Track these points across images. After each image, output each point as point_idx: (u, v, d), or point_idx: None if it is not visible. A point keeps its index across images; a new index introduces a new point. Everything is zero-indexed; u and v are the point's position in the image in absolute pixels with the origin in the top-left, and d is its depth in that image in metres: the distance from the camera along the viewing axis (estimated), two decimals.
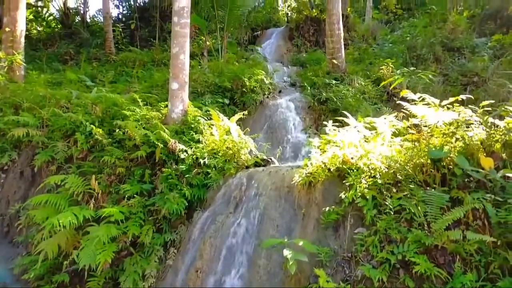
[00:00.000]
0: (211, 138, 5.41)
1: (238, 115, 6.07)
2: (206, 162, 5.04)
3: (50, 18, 17.12)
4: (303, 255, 3.32)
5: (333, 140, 4.29)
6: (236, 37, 14.12)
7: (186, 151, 5.16)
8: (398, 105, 5.31)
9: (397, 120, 4.61)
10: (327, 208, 3.68)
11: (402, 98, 4.54)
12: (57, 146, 5.61)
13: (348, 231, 3.53)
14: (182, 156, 5.09)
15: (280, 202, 4.15)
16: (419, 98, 4.27)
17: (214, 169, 5.03)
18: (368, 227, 3.43)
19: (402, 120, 4.55)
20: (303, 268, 3.46)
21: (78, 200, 4.89)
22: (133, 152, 5.21)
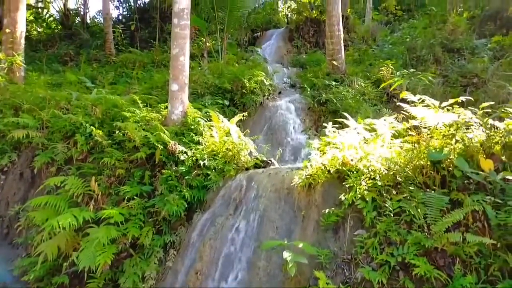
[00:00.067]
0: (211, 140, 5.41)
1: (238, 117, 6.06)
2: (206, 164, 5.04)
3: (50, 19, 17.12)
4: (303, 257, 3.32)
5: (333, 142, 4.29)
6: (236, 38, 14.13)
7: (186, 153, 5.16)
8: (398, 107, 5.31)
9: (397, 122, 4.61)
10: (327, 210, 3.69)
11: (402, 100, 4.54)
12: (57, 148, 5.61)
13: (348, 233, 3.53)
14: (182, 158, 5.09)
15: (280, 204, 4.15)
16: (419, 100, 4.27)
17: (214, 171, 5.03)
18: (368, 229, 3.43)
19: (402, 122, 4.55)
20: (303, 270, 3.46)
21: (78, 202, 4.89)
22: (133, 154, 5.21)
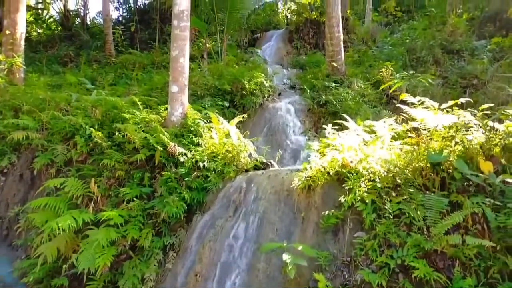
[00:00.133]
0: (211, 141, 5.41)
1: (238, 118, 6.06)
2: (206, 166, 5.04)
3: (50, 20, 17.16)
4: (303, 259, 3.32)
5: (333, 144, 4.29)
6: (236, 40, 14.14)
7: (186, 154, 5.16)
8: (398, 108, 5.31)
9: (397, 124, 4.61)
10: (327, 212, 3.68)
11: (402, 101, 4.54)
12: (57, 149, 5.61)
13: (348, 235, 3.52)
14: (182, 159, 5.09)
15: (280, 206, 4.15)
16: (419, 102, 4.26)
17: (214, 173, 5.03)
18: (368, 231, 3.43)
19: (402, 124, 4.55)
20: (303, 272, 3.45)
21: (78, 204, 4.89)
22: (133, 155, 5.21)
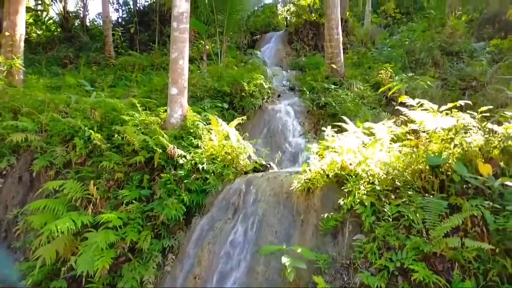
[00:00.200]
0: (210, 143, 5.41)
1: (237, 120, 6.06)
2: (205, 168, 5.03)
3: (50, 22, 17.15)
4: (302, 262, 3.32)
5: (332, 146, 4.29)
6: (236, 41, 14.16)
7: (185, 157, 5.15)
8: (397, 110, 5.32)
9: (396, 126, 4.61)
10: (326, 215, 3.68)
11: (401, 103, 4.54)
12: (56, 151, 5.60)
13: (347, 238, 3.52)
14: (181, 162, 5.08)
15: (279, 208, 4.14)
16: (418, 104, 4.27)
17: (213, 175, 5.02)
18: (367, 234, 3.43)
19: (401, 126, 4.55)
20: (302, 275, 3.45)
21: (77, 206, 4.88)
22: (132, 157, 5.20)
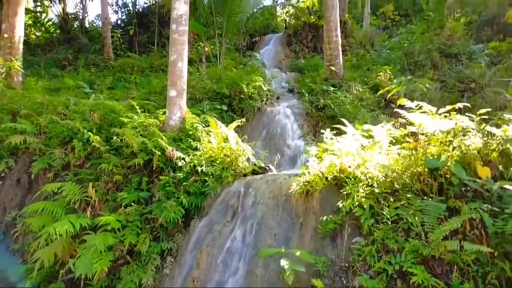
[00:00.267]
0: (209, 146, 5.40)
1: (236, 123, 6.06)
2: (204, 170, 5.03)
3: (49, 24, 17.18)
4: (301, 265, 3.32)
5: (331, 149, 4.29)
6: (235, 43, 14.16)
7: (184, 159, 5.15)
8: (396, 112, 5.33)
9: (394, 128, 4.61)
10: (325, 217, 3.68)
11: (400, 106, 4.55)
12: (54, 153, 5.60)
13: (346, 241, 3.52)
14: (180, 164, 5.08)
15: (278, 211, 4.14)
16: (417, 106, 4.27)
17: (212, 177, 5.02)
18: (366, 237, 3.42)
19: (400, 128, 4.55)
20: (301, 278, 3.44)
21: (75, 208, 4.88)
22: (131, 160, 5.20)
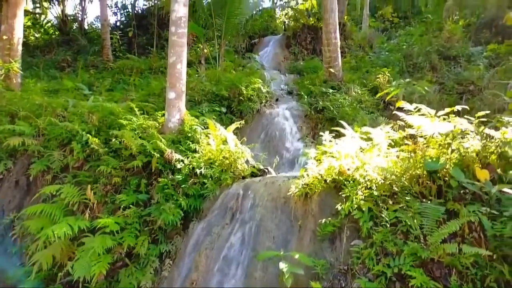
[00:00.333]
0: (208, 148, 5.40)
1: (235, 125, 6.06)
2: (203, 172, 5.03)
3: (48, 25, 17.17)
4: (299, 268, 3.31)
5: (329, 151, 4.29)
6: (234, 45, 14.17)
7: (183, 161, 5.14)
8: (395, 114, 5.34)
9: (393, 131, 4.62)
10: (324, 220, 3.68)
11: (399, 108, 4.55)
12: (53, 155, 5.58)
13: (345, 243, 3.52)
14: (179, 166, 5.07)
15: (277, 213, 4.13)
16: (415, 109, 4.28)
17: (211, 179, 5.01)
18: (365, 240, 3.42)
19: (398, 130, 4.55)
20: (300, 281, 3.43)
21: (74, 210, 4.86)
22: (129, 162, 5.19)
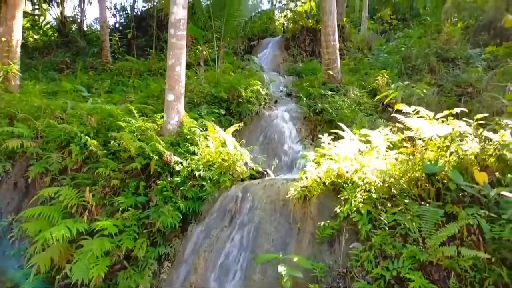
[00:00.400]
0: (207, 150, 5.40)
1: (234, 127, 6.06)
2: (201, 175, 5.02)
3: (47, 27, 17.15)
4: (298, 271, 3.31)
5: (328, 154, 4.29)
6: (233, 47, 14.18)
7: (181, 163, 5.14)
8: (393, 117, 5.34)
9: (392, 133, 4.62)
10: (322, 223, 3.67)
11: (397, 110, 4.55)
12: (52, 158, 5.56)
13: (343, 246, 3.51)
14: (177, 168, 5.06)
15: (275, 216, 4.13)
16: (414, 111, 4.28)
17: (209, 182, 5.01)
18: (363, 242, 3.42)
19: (397, 133, 4.55)
20: (298, 284, 3.42)
21: (72, 213, 4.85)
22: (128, 164, 5.18)
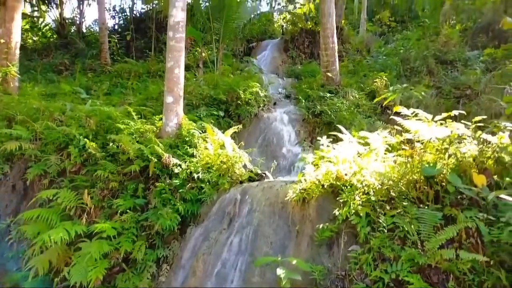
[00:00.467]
0: (205, 152, 5.40)
1: (233, 129, 6.06)
2: (200, 177, 5.02)
3: (46, 28, 17.13)
4: (297, 274, 3.31)
5: (327, 156, 4.29)
6: (232, 49, 14.17)
7: (180, 166, 5.14)
8: (392, 119, 5.35)
9: (391, 136, 4.63)
10: (321, 225, 3.68)
11: (396, 113, 4.56)
12: (50, 160, 5.55)
13: (342, 249, 3.51)
14: (176, 171, 5.06)
15: (274, 218, 4.13)
16: (412, 113, 4.29)
17: (208, 184, 5.01)
18: (362, 245, 3.42)
19: (396, 135, 4.56)
20: (297, 286, 3.42)
21: (70, 215, 4.84)
22: (127, 166, 5.18)
